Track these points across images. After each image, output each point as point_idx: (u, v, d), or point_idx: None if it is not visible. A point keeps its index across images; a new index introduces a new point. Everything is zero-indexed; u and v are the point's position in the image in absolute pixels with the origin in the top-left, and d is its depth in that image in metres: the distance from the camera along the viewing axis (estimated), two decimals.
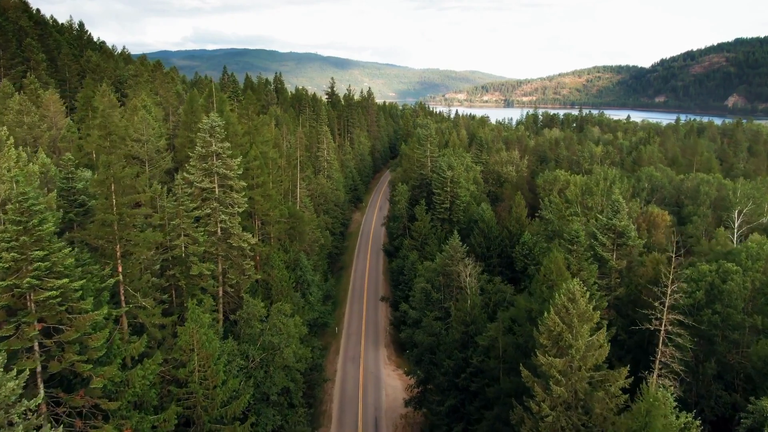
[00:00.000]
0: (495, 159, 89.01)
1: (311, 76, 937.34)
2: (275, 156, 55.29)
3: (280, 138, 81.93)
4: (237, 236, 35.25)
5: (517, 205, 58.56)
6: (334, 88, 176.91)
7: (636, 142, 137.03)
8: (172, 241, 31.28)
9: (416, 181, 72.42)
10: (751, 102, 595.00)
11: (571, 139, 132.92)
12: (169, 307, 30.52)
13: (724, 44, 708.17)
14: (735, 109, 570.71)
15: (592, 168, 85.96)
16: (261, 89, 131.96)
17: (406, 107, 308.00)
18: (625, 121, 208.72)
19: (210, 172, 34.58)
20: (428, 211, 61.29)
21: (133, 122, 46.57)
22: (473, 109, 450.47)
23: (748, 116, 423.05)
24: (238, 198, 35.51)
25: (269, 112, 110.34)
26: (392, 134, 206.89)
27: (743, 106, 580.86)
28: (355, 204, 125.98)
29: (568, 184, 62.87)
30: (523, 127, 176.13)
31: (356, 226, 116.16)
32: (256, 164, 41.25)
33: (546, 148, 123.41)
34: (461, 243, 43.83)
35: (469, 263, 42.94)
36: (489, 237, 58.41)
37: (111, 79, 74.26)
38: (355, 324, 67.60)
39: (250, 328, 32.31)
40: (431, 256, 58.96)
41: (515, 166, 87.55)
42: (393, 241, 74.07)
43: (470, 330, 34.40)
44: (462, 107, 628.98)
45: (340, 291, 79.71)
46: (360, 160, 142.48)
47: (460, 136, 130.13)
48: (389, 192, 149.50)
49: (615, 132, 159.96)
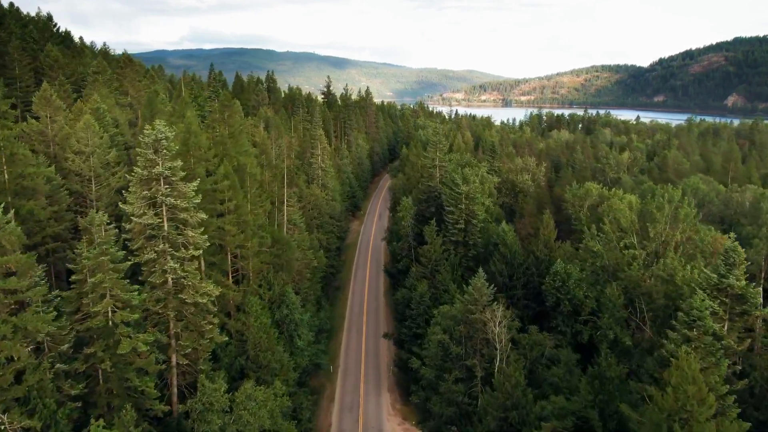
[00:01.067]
0: (508, 166, 79.71)
1: (308, 75, 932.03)
2: (256, 170, 45.80)
3: (269, 144, 72.52)
4: (193, 288, 25.75)
5: (545, 227, 49.27)
6: (331, 87, 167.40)
7: (653, 145, 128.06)
8: (94, 305, 21.78)
9: (423, 194, 63.04)
10: (750, 101, 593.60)
11: (584, 143, 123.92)
12: (84, 410, 20.97)
13: (723, 43, 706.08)
14: (735, 108, 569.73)
15: (619, 177, 77.05)
16: (251, 89, 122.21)
17: (405, 107, 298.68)
18: (634, 122, 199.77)
19: (155, 201, 25.07)
20: (439, 232, 52.05)
21: (75, 130, 36.98)
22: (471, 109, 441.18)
23: (748, 116, 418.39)
24: (195, 236, 26.01)
25: (258, 114, 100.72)
26: (391, 135, 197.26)
27: (743, 106, 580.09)
28: (352, 212, 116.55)
29: (603, 200, 53.63)
30: (528, 128, 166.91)
31: (354, 236, 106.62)
32: (226, 185, 31.86)
33: (559, 153, 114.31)
34: (487, 282, 34.47)
35: (497, 308, 33.67)
36: (512, 264, 49.16)
37: (72, 76, 64.42)
38: (353, 361, 57.95)
39: (207, 424, 22.93)
40: (443, 286, 49.68)
41: (530, 173, 78.28)
42: (396, 263, 64.68)
43: (511, 418, 25.17)
44: (460, 107, 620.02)
45: (335, 317, 70.18)
46: (358, 164, 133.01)
47: (464, 138, 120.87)
48: (389, 197, 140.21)
49: (628, 134, 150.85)
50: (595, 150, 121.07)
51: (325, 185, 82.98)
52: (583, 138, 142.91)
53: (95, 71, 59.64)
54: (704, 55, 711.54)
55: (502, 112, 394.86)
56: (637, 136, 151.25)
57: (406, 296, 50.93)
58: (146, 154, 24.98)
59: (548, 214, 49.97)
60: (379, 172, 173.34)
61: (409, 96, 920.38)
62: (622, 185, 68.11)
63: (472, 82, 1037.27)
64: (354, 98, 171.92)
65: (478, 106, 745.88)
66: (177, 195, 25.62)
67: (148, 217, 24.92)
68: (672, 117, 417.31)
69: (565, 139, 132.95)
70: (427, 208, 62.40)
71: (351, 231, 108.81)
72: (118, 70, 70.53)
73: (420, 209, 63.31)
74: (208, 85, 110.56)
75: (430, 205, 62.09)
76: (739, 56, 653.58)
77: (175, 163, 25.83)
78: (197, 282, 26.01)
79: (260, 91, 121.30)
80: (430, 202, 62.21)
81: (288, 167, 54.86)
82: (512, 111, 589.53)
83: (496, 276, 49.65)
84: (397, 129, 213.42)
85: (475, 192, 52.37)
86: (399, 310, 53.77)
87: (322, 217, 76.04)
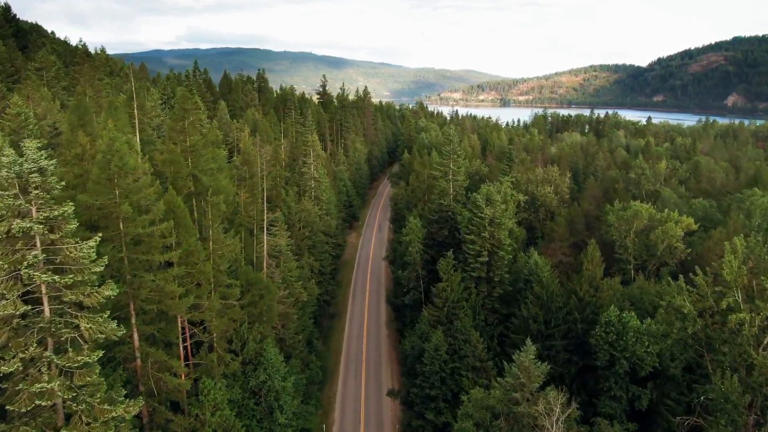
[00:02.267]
0: (527, 176, 69.59)
1: (306, 75, 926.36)
2: (229, 190, 35.61)
3: (255, 152, 62.46)
4: (89, 416, 15.52)
5: (589, 260, 39.34)
6: (327, 87, 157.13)
7: (674, 149, 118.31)
8: None
9: (433, 213, 52.90)
10: (751, 101, 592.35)
11: (600, 147, 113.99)
12: None
13: (722, 43, 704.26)
14: (735, 108, 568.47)
15: (656, 189, 67.15)
16: (239, 88, 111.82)
17: (404, 107, 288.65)
18: (644, 122, 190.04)
19: (17, 277, 14.90)
20: (456, 265, 42.01)
21: None
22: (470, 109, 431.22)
23: (748, 115, 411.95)
24: (95, 327, 15.81)
25: (245, 116, 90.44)
26: (391, 137, 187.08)
27: (743, 106, 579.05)
28: (349, 223, 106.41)
29: (653, 224, 43.66)
30: (536, 130, 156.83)
31: (351, 251, 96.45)
32: (163, 228, 21.75)
33: (576, 159, 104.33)
34: (537, 359, 24.41)
35: (554, 395, 23.68)
36: (549, 307, 39.28)
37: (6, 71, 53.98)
38: (351, 420, 47.62)
39: None
40: (463, 335, 39.65)
41: (553, 185, 68.26)
42: (402, 295, 54.51)
43: None
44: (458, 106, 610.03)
45: (330, 355, 59.96)
46: (356, 169, 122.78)
47: (471, 142, 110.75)
48: (389, 205, 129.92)
49: (644, 136, 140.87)
50: (613, 155, 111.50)
51: (319, 198, 72.83)
52: (597, 141, 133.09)
53: (39, 67, 49.27)
54: (703, 54, 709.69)
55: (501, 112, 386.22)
56: (654, 138, 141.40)
57: (416, 347, 40.81)
58: (5, 196, 14.84)
59: (594, 245, 40.00)
60: (378, 177, 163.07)
61: (407, 96, 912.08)
62: (663, 201, 58.26)
63: (470, 81, 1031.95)
64: (351, 98, 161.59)
65: (476, 105, 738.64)
66: (62, 262, 15.47)
67: (9, 303, 14.73)
68: (673, 117, 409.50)
69: (578, 142, 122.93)
70: (439, 231, 52.31)
71: (348, 244, 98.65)
72: (74, 66, 60.06)
73: (430, 231, 53.17)
74: (190, 85, 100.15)
75: (442, 227, 51.96)
76: (738, 56, 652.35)
77: (61, 209, 15.64)
78: (100, 403, 15.84)
79: (249, 91, 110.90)
80: (442, 224, 52.06)
81: (272, 183, 44.66)
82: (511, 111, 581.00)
83: (529, 322, 39.69)
84: (397, 130, 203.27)
85: (501, 216, 42.31)
86: (407, 363, 43.58)
87: (315, 236, 65.89)
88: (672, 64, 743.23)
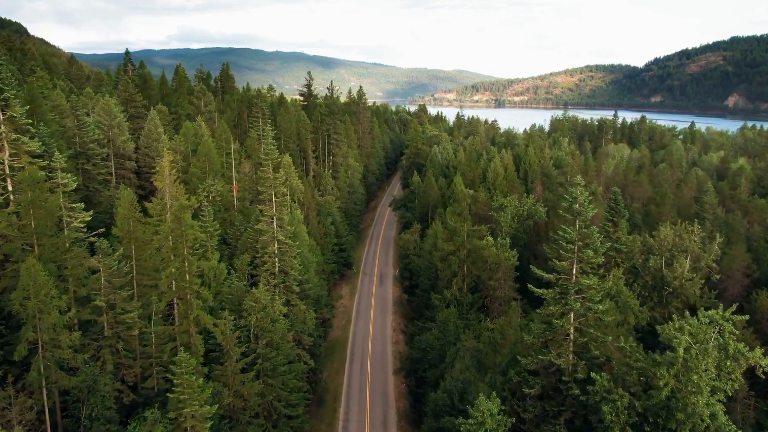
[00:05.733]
0: (644, 239, 40.99)
1: (297, 75, 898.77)
2: None
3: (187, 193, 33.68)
4: None
5: None
6: (313, 86, 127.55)
7: (745, 167, 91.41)
8: None
9: (530, 379, 23.47)
10: (752, 102, 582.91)
11: (672, 169, 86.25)
12: None
13: (720, 43, 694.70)
14: (736, 109, 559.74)
15: None
16: (183, 89, 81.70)
17: (401, 109, 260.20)
18: (687, 128, 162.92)
19: None
20: None
21: None
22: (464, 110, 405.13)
23: (751, 116, 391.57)
24: None
25: (181, 131, 60.85)
26: (389, 145, 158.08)
27: (744, 106, 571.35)
28: (340, 274, 77.45)
29: None
30: (566, 140, 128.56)
31: (343, 323, 67.18)
32: None
33: (642, 185, 76.51)
34: None
35: None
36: None
37: None
38: None
39: None
40: None
41: (688, 252, 39.73)
42: None
43: None
44: (452, 107, 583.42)
45: None
46: (349, 193, 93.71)
47: (504, 162, 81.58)
48: (390, 238, 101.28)
49: (706, 149, 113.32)
50: (690, 177, 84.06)
51: (286, 270, 43.63)
52: (651, 155, 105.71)
53: None
54: (701, 54, 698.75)
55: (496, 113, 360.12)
56: (716, 150, 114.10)
57: None
58: None
59: None
60: (376, 195, 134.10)
61: (400, 96, 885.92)
62: None
63: (462, 82, 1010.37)
64: (342, 100, 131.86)
65: (471, 106, 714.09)
66: None
67: None
68: (672, 118, 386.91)
69: (636, 157, 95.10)
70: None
71: (338, 310, 69.47)
72: None
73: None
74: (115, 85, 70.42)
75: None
76: (737, 56, 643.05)
77: None
78: None
79: (202, 92, 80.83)
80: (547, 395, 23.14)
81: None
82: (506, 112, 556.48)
83: None
84: (395, 137, 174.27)
85: None
86: None
87: (275, 353, 36.90)
88: (669, 64, 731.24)
